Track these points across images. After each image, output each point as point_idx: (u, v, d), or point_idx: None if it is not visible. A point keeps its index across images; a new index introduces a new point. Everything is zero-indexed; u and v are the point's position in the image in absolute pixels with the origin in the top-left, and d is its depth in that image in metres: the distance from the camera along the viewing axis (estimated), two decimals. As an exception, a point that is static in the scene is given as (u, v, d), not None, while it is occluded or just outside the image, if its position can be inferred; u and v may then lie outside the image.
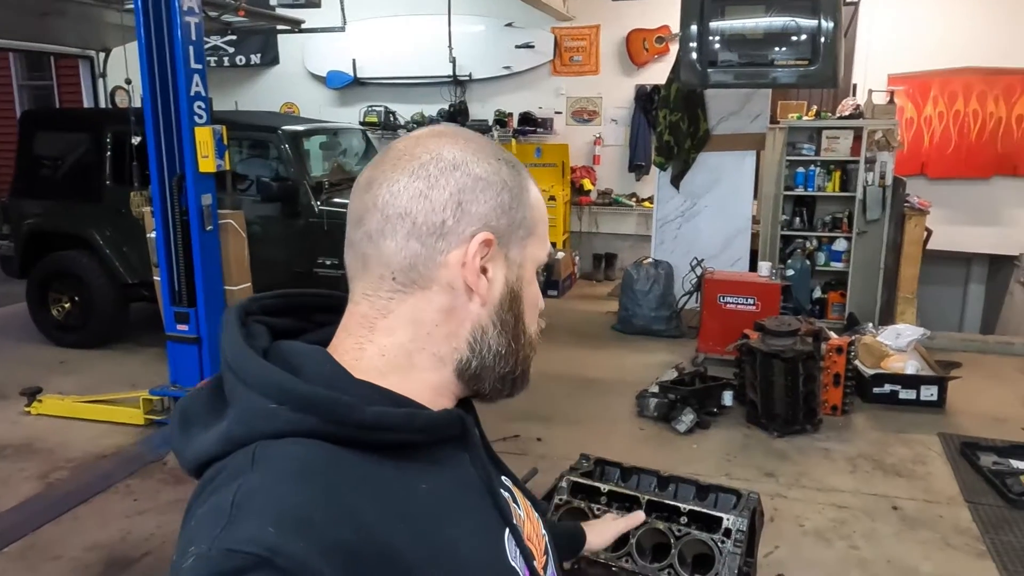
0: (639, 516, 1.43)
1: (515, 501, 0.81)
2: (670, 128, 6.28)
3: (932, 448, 4.18)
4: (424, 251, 0.68)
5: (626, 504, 2.10)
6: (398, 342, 0.70)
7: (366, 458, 0.63)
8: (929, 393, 4.69)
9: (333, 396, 0.63)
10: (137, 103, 4.60)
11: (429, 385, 0.72)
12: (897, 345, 4.99)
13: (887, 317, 6.13)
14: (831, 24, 5.06)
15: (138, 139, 4.56)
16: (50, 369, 5.36)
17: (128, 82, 4.59)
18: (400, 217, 0.68)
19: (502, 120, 8.44)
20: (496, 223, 0.71)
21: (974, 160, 7.20)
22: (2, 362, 5.54)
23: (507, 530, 0.73)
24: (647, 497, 2.07)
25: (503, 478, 0.82)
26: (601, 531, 1.33)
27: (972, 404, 4.73)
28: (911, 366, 4.84)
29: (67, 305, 5.90)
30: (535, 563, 0.76)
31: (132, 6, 4.18)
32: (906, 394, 4.70)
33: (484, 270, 0.71)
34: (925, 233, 6.38)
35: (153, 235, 4.36)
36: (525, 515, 0.81)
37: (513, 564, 0.71)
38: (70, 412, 4.53)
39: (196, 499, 0.62)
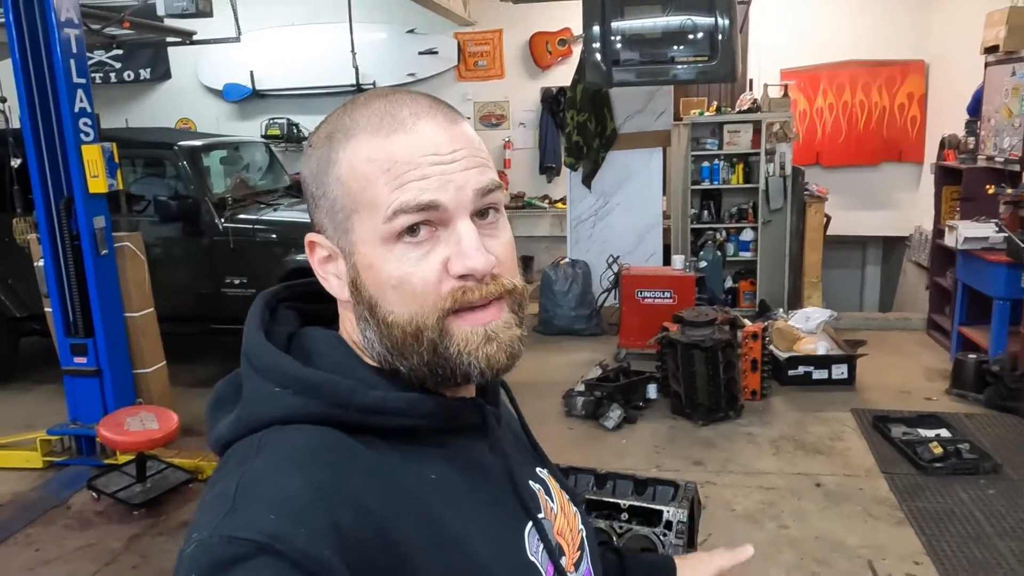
0: (747, 551, 1.04)
1: (548, 493, 0.77)
2: (578, 128, 6.34)
3: (847, 424, 4.35)
4: None
5: (566, 506, 2.08)
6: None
7: (372, 445, 0.63)
8: (840, 372, 4.89)
9: (334, 379, 0.64)
10: (15, 123, 4.27)
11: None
12: (807, 328, 5.18)
13: (795, 302, 6.37)
14: (727, 21, 5.23)
15: (18, 161, 4.24)
16: (-69, 416, 4.92)
17: (3, 100, 4.26)
18: None
19: (410, 128, 8.32)
20: (319, 220, 0.68)
21: (863, 148, 7.60)
22: None
23: (529, 523, 0.70)
24: (586, 496, 2.06)
25: (539, 469, 0.79)
26: (696, 567, 1.02)
27: (879, 379, 4.96)
28: (822, 347, 5.03)
29: (-53, 345, 5.43)
30: (564, 559, 0.72)
31: (3, 20, 3.88)
32: (819, 374, 4.89)
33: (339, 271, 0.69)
34: (825, 219, 6.68)
35: (41, 263, 4.06)
36: (559, 508, 0.77)
37: (532, 559, 0.68)
38: (-43, 461, 4.16)
39: (209, 482, 0.63)
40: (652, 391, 4.72)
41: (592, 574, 0.79)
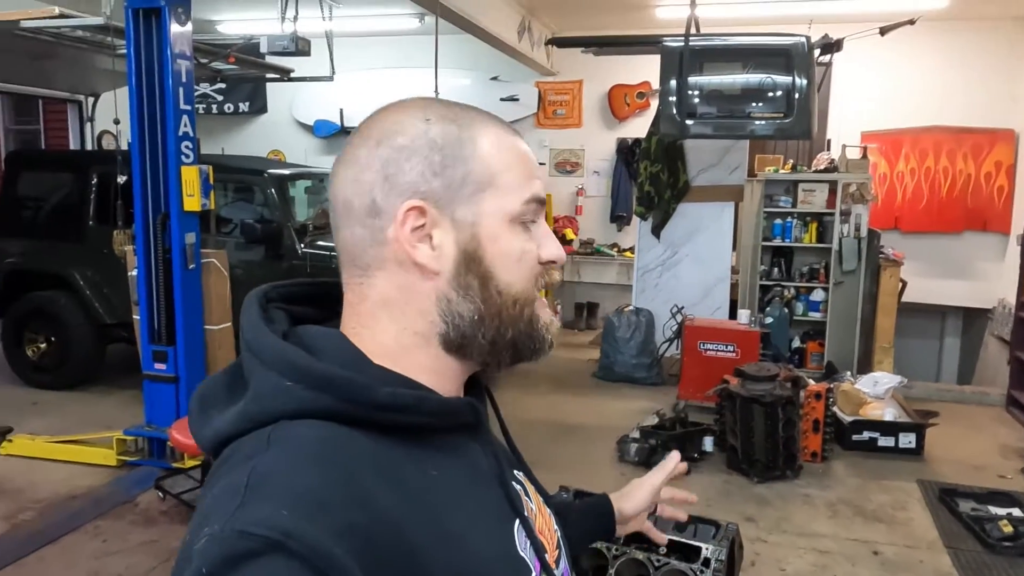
0: (675, 456, 1.20)
1: (527, 494, 0.80)
2: (651, 179, 6.41)
3: (911, 495, 4.19)
4: (367, 233, 0.70)
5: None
6: (381, 327, 0.71)
7: (379, 440, 0.64)
8: (908, 440, 4.72)
9: (348, 375, 0.64)
10: (124, 147, 4.63)
11: (427, 368, 0.71)
12: (875, 392, 5.03)
13: (865, 366, 6.19)
14: (804, 81, 5.25)
15: (123, 178, 4.59)
16: (22, 410, 5.25)
17: (116, 122, 4.64)
18: (344, 207, 0.71)
19: (486, 170, 8.57)
20: (427, 188, 0.69)
21: (945, 215, 7.40)
22: (-27, 403, 5.43)
23: (517, 521, 0.72)
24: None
25: (516, 472, 0.82)
26: (632, 496, 1.15)
27: (950, 452, 4.76)
28: (889, 413, 4.87)
29: (43, 345, 5.82)
30: (547, 556, 0.75)
31: (124, 52, 4.26)
32: (885, 441, 4.73)
33: (430, 238, 0.69)
34: (900, 284, 6.51)
35: (134, 273, 4.35)
36: (537, 509, 0.80)
37: (522, 555, 0.70)
38: (41, 452, 4.43)
39: (211, 478, 0.63)
40: (708, 444, 4.66)
41: (569, 572, 0.82)
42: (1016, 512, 3.87)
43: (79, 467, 4.31)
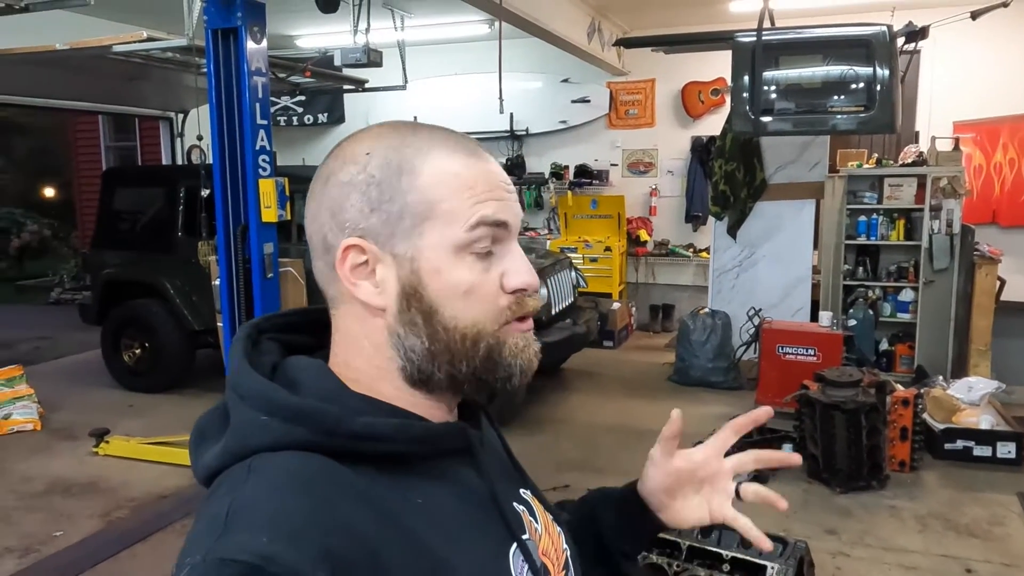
0: (673, 414, 0.92)
1: (532, 514, 0.79)
2: (726, 178, 6.25)
3: (1011, 508, 3.93)
4: (325, 268, 0.72)
5: (666, 550, 2.04)
6: (352, 357, 0.72)
7: (359, 471, 0.64)
8: (1007, 450, 4.43)
9: (320, 407, 0.65)
10: (210, 159, 4.84)
11: (402, 397, 0.72)
12: (969, 399, 4.75)
13: (959, 370, 5.85)
14: (887, 72, 5.01)
15: (207, 192, 4.79)
16: (119, 412, 5.57)
17: (199, 138, 4.85)
18: (310, 241, 0.73)
19: (558, 173, 8.55)
20: (366, 224, 0.69)
21: (1050, 208, 6.91)
22: (75, 405, 5.79)
23: (514, 545, 0.71)
24: (688, 543, 2.02)
25: (522, 491, 0.81)
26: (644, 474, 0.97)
27: (1055, 463, 4.45)
28: (986, 421, 4.59)
29: (138, 351, 6.16)
30: None
31: (205, 70, 4.45)
32: (981, 451, 4.46)
33: (374, 274, 0.69)
34: (998, 283, 6.11)
35: (218, 282, 4.54)
36: (543, 528, 0.79)
37: None
38: (135, 453, 4.69)
39: (198, 510, 0.65)
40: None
41: None
42: None
43: (169, 467, 4.53)
